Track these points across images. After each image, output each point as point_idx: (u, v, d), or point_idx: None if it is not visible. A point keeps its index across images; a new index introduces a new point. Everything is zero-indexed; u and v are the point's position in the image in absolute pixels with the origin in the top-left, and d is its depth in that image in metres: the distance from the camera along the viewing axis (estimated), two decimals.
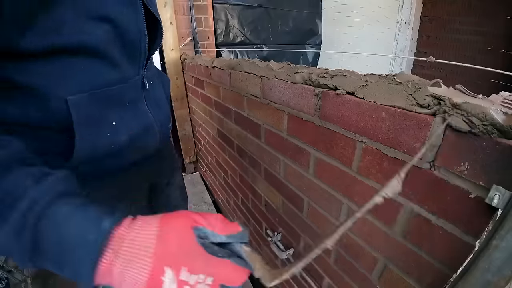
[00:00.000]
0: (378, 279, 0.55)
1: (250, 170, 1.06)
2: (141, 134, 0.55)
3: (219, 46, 2.09)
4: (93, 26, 0.40)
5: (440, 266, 0.41)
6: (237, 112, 1.02)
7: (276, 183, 0.87)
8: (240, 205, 1.34)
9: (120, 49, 0.46)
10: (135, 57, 0.50)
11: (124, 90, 0.49)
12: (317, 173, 0.65)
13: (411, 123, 0.40)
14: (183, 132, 2.03)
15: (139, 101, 0.55)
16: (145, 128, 0.56)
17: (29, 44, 0.34)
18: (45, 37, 0.35)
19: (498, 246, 0.27)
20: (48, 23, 0.35)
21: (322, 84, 0.55)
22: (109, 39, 0.43)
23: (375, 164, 0.48)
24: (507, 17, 1.85)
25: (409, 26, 2.45)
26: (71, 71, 0.41)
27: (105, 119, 0.47)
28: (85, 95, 0.42)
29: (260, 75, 0.77)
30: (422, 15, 2.41)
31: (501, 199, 0.29)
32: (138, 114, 0.54)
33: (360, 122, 0.49)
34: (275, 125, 0.77)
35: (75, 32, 0.38)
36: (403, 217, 0.45)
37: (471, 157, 0.33)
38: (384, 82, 0.43)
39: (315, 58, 2.67)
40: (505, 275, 0.27)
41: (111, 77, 0.46)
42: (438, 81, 0.39)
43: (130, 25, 0.45)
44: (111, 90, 0.46)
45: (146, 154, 0.60)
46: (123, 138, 0.50)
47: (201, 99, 1.54)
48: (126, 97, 0.51)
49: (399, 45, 2.54)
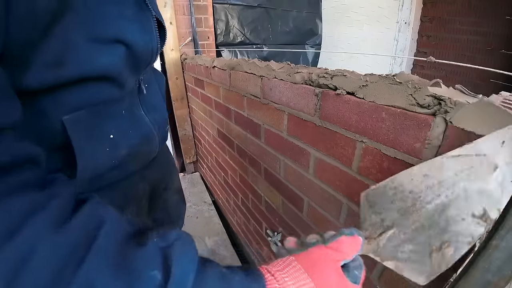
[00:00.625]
0: (378, 279, 0.54)
1: (250, 170, 1.06)
2: (142, 143, 0.52)
3: (219, 46, 2.09)
4: (105, 52, 0.36)
5: None
6: (237, 112, 1.02)
7: (276, 183, 0.87)
8: (240, 205, 1.34)
9: (130, 69, 0.43)
10: (141, 69, 0.48)
11: (121, 100, 0.46)
12: (317, 173, 0.65)
13: (411, 123, 0.40)
14: (183, 132, 2.03)
15: (134, 106, 0.52)
16: (144, 135, 0.52)
17: (32, 81, 0.30)
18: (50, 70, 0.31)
19: (498, 246, 0.27)
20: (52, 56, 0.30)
21: (322, 84, 0.55)
22: (122, 62, 0.39)
23: (375, 164, 0.48)
24: (507, 17, 1.85)
25: (409, 26, 2.45)
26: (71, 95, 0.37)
27: (101, 133, 0.43)
28: (82, 113, 0.38)
29: (260, 75, 0.77)
30: (422, 15, 2.41)
31: None
32: (135, 120, 0.51)
33: (360, 122, 0.49)
34: (275, 125, 0.77)
35: (85, 63, 0.34)
36: None
37: None
38: (384, 82, 0.43)
39: (315, 58, 2.67)
40: (505, 275, 0.27)
41: (114, 94, 0.43)
42: (438, 81, 0.39)
43: (144, 44, 0.42)
44: (111, 106, 0.43)
45: (148, 160, 0.58)
46: (123, 152, 0.47)
47: (201, 99, 1.55)
48: (122, 106, 0.47)
49: (399, 45, 2.54)
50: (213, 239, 1.52)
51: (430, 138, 0.38)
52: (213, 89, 1.25)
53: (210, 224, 1.64)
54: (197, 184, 2.07)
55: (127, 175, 0.53)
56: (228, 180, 1.43)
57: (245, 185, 1.17)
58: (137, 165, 0.55)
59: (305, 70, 0.61)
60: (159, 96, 0.64)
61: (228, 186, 1.46)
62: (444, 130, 0.36)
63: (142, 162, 0.56)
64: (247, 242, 1.41)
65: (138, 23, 0.41)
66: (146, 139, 0.53)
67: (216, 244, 1.48)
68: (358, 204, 0.55)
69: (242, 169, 1.15)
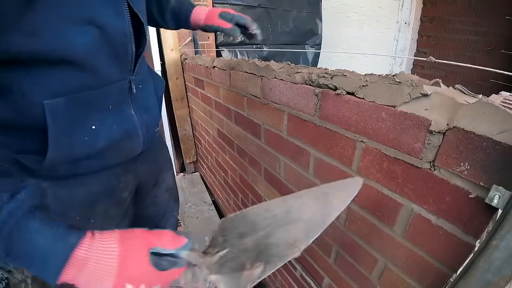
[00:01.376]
0: (378, 279, 0.55)
1: (250, 170, 1.06)
2: (124, 138, 0.54)
3: (219, 46, 2.09)
4: (79, 32, 0.38)
5: (440, 266, 0.41)
6: (237, 112, 1.02)
7: (276, 183, 0.87)
8: (240, 205, 1.34)
9: (106, 54, 0.44)
10: (121, 60, 0.49)
11: (106, 93, 0.48)
12: (317, 173, 0.65)
13: (411, 123, 0.40)
14: (183, 132, 2.03)
15: (124, 104, 0.54)
16: (127, 132, 0.55)
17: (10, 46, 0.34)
18: (26, 40, 0.34)
19: (498, 246, 0.27)
20: (30, 27, 0.34)
21: (322, 84, 0.55)
22: (96, 45, 0.41)
23: (375, 164, 0.48)
24: (507, 17, 1.85)
25: (409, 26, 2.45)
26: (50, 77, 0.39)
27: (83, 123, 0.46)
28: (62, 99, 0.41)
29: (260, 75, 0.77)
30: (422, 15, 2.41)
31: (501, 199, 0.29)
32: (122, 117, 0.53)
33: (360, 122, 0.49)
34: (275, 125, 0.77)
35: (58, 40, 0.37)
36: (403, 217, 0.45)
37: (471, 157, 0.33)
38: (384, 82, 0.43)
39: (315, 58, 2.67)
40: (505, 275, 0.27)
41: (92, 82, 0.45)
42: (437, 81, 0.39)
43: (117, 28, 0.44)
44: (91, 94, 0.45)
45: (130, 156, 0.60)
46: (101, 144, 0.49)
47: (201, 99, 1.55)
48: (109, 100, 0.49)
49: (399, 45, 2.54)
50: None
51: (430, 138, 0.38)
52: (213, 89, 1.25)
53: (210, 224, 1.64)
54: (197, 184, 2.07)
55: (106, 167, 0.56)
56: (228, 180, 1.43)
57: (245, 185, 1.17)
58: (118, 159, 0.57)
59: (305, 70, 0.61)
60: (153, 99, 0.65)
61: (228, 186, 1.46)
62: (444, 130, 0.36)
63: (123, 157, 0.58)
64: None
65: (110, 7, 0.43)
66: (128, 137, 0.55)
67: None
68: (358, 205, 0.55)
69: (242, 169, 1.15)
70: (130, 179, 0.66)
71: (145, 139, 0.60)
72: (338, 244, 0.65)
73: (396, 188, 0.45)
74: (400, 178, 0.44)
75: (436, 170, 0.38)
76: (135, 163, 0.65)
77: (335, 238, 0.65)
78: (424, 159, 0.39)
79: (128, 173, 0.64)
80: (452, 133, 0.35)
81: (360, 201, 0.54)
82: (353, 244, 0.59)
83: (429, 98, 0.37)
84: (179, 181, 2.10)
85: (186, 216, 1.73)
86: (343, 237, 0.62)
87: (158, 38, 1.70)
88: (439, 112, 0.36)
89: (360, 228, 0.56)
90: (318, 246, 0.74)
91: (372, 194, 0.50)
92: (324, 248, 0.71)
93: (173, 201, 0.94)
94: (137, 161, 0.65)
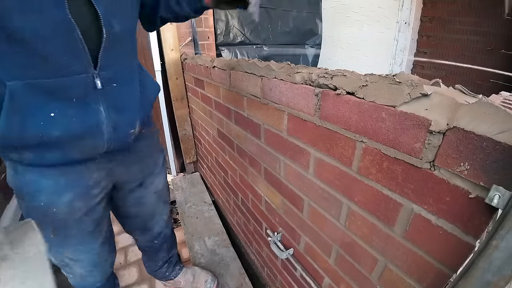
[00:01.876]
0: (378, 279, 0.55)
1: (250, 170, 1.06)
2: (84, 133, 0.55)
3: (219, 46, 2.09)
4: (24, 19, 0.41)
5: (440, 266, 0.41)
6: (237, 112, 1.02)
7: (276, 183, 0.87)
8: (240, 205, 1.34)
9: (56, 42, 0.46)
10: (74, 51, 0.49)
11: (66, 84, 0.50)
12: (317, 173, 0.65)
13: (411, 123, 0.40)
14: (183, 132, 2.03)
15: (89, 99, 0.54)
16: (89, 127, 0.55)
17: None
18: None
19: (498, 246, 0.27)
20: None
21: (322, 84, 0.55)
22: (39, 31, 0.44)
23: (375, 164, 0.48)
24: (507, 17, 1.85)
25: (409, 26, 2.45)
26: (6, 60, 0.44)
27: (42, 108, 0.49)
28: (20, 83, 0.46)
29: (260, 75, 0.77)
30: (422, 15, 2.41)
31: (501, 199, 0.29)
32: (87, 112, 0.54)
33: (360, 122, 0.48)
34: (275, 125, 0.77)
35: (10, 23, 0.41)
36: (403, 217, 0.45)
37: (471, 157, 0.33)
38: (384, 82, 0.43)
39: (315, 58, 2.67)
40: (505, 275, 0.27)
41: (47, 70, 0.47)
42: (437, 81, 0.39)
43: (56, 16, 0.45)
44: (49, 83, 0.48)
45: (94, 153, 0.61)
46: (56, 133, 0.52)
47: (201, 99, 1.55)
48: (72, 93, 0.51)
49: (399, 45, 2.54)
50: (213, 239, 1.52)
51: (430, 138, 0.38)
52: (213, 89, 1.25)
53: (210, 224, 1.64)
54: (197, 184, 2.07)
55: (72, 161, 0.59)
56: (228, 180, 1.43)
57: (245, 185, 1.17)
58: (81, 154, 0.59)
59: (305, 70, 0.61)
60: (134, 100, 0.64)
61: (228, 186, 1.46)
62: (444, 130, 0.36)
63: (86, 153, 0.60)
64: (247, 242, 1.41)
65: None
66: (90, 133, 0.56)
67: (216, 244, 1.48)
68: (358, 205, 0.55)
69: (242, 169, 1.15)
70: (103, 177, 0.67)
71: (111, 138, 0.60)
72: (338, 244, 0.65)
73: (396, 188, 0.45)
74: (400, 178, 0.44)
75: (436, 170, 0.38)
76: (110, 162, 0.67)
77: (335, 238, 0.65)
78: (424, 159, 0.39)
79: (101, 171, 0.66)
80: (452, 133, 0.35)
81: (360, 201, 0.54)
82: (353, 244, 0.59)
83: (429, 98, 0.37)
84: (179, 181, 2.10)
85: (186, 216, 1.73)
86: (343, 237, 0.62)
87: (158, 38, 1.70)
88: (439, 112, 0.36)
89: (360, 228, 0.56)
90: (318, 246, 0.74)
91: (372, 194, 0.50)
92: (324, 248, 0.71)
93: (162, 203, 0.94)
94: (112, 160, 0.67)
